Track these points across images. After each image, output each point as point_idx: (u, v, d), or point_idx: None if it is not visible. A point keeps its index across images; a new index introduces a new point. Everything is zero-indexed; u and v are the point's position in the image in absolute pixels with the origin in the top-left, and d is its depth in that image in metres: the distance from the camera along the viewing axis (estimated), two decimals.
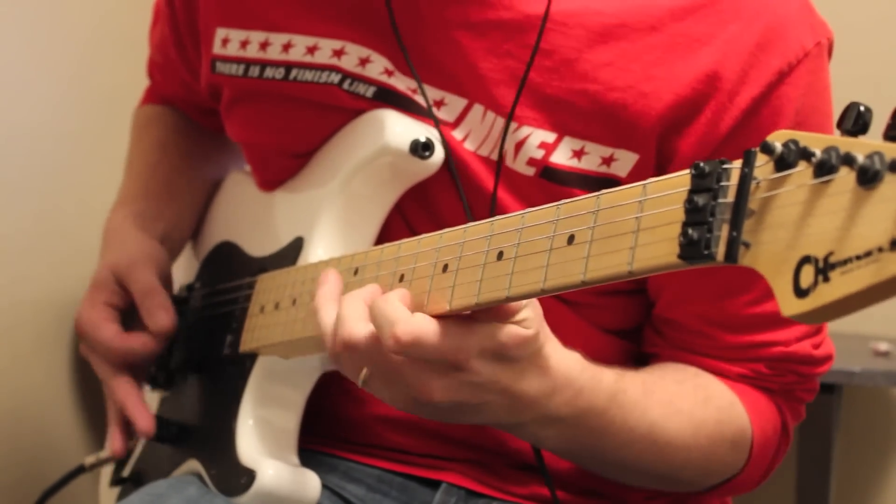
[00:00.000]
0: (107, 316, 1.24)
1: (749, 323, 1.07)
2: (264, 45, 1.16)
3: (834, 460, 2.08)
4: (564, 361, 0.93)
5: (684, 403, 1.05)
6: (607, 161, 1.04)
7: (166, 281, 1.28)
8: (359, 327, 0.91)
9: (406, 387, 0.91)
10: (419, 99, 1.10)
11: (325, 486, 1.17)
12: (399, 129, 1.09)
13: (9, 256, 1.62)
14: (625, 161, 1.04)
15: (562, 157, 1.05)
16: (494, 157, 1.07)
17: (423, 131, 1.08)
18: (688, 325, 1.10)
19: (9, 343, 1.63)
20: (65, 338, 1.72)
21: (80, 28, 1.84)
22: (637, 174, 1.04)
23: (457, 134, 1.09)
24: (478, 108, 1.08)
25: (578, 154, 1.05)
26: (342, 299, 0.94)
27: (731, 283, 1.06)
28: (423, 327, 0.86)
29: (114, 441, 1.27)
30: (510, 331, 0.87)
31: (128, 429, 1.27)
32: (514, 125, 1.06)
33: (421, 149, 1.08)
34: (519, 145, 1.06)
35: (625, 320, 1.15)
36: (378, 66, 1.11)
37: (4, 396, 1.69)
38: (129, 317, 1.26)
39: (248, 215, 1.31)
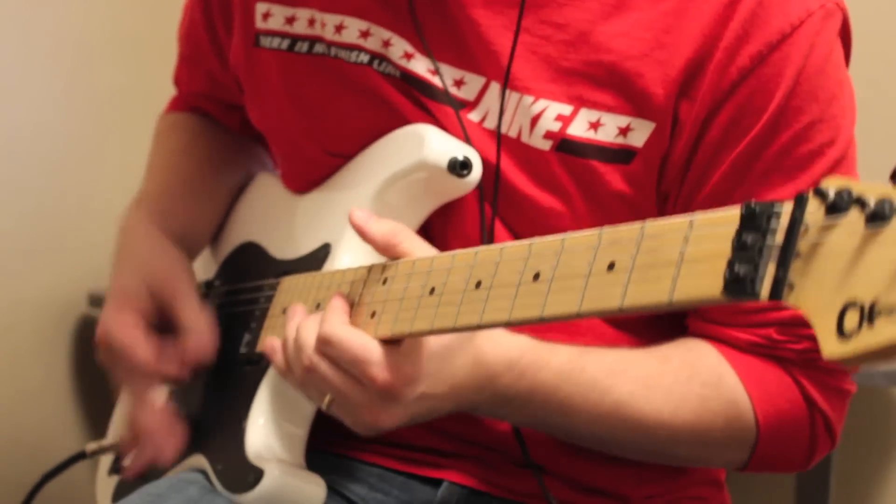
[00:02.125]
0: (140, 336, 1.20)
1: None
2: (311, 22, 1.18)
3: (834, 460, 2.07)
4: (501, 348, 1.02)
5: (663, 380, 1.07)
6: (623, 132, 1.07)
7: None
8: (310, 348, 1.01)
9: (358, 416, 1.01)
10: (437, 81, 1.12)
11: (326, 486, 1.17)
12: (438, 145, 1.10)
13: (9, 256, 1.63)
14: (641, 131, 1.06)
15: (578, 129, 1.07)
16: (513, 134, 1.10)
17: (461, 150, 1.10)
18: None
19: (9, 343, 1.64)
20: (65, 338, 1.73)
21: (80, 28, 1.86)
22: (653, 143, 1.06)
23: (475, 115, 1.11)
24: (494, 86, 1.10)
25: (595, 126, 1.07)
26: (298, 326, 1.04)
27: None
28: (341, 332, 0.98)
29: (133, 464, 1.23)
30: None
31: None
32: (530, 99, 1.08)
33: (459, 167, 1.09)
34: (535, 119, 1.08)
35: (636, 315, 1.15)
36: (398, 50, 1.13)
37: (4, 396, 1.69)
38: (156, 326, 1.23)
39: (274, 217, 1.31)
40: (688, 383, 1.08)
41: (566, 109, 1.08)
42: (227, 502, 1.11)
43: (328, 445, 1.21)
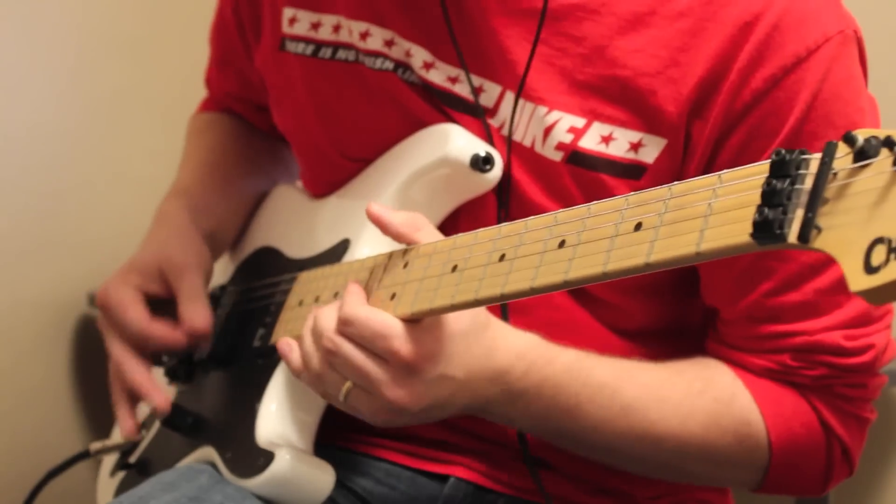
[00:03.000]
0: (137, 298, 1.24)
1: (770, 313, 1.08)
2: (337, 28, 1.21)
3: None
4: (510, 342, 1.03)
5: (674, 392, 1.07)
6: (635, 147, 1.07)
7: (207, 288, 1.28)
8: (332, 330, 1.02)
9: (379, 398, 1.00)
10: (457, 89, 1.13)
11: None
12: (461, 142, 1.12)
13: (9, 256, 1.64)
14: (652, 147, 1.07)
15: (590, 142, 1.08)
16: (527, 143, 1.11)
17: (484, 147, 1.11)
18: (718, 314, 1.12)
19: (9, 343, 1.63)
20: (65, 338, 1.72)
21: (80, 28, 1.87)
22: (664, 160, 1.07)
23: (493, 122, 1.13)
24: (510, 95, 1.11)
25: (607, 140, 1.08)
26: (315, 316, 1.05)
27: (752, 272, 1.07)
28: (361, 311, 1.00)
29: (124, 423, 1.26)
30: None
31: (134, 411, 1.26)
32: (543, 109, 1.09)
33: (481, 163, 1.11)
34: (548, 130, 1.09)
35: (651, 319, 1.16)
36: (418, 60, 1.15)
37: (4, 396, 1.69)
38: (157, 308, 1.25)
39: (291, 222, 1.32)
40: (699, 397, 1.08)
41: (579, 122, 1.09)
42: (238, 490, 1.11)
43: (336, 440, 1.21)
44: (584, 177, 1.09)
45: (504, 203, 1.12)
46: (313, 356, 1.04)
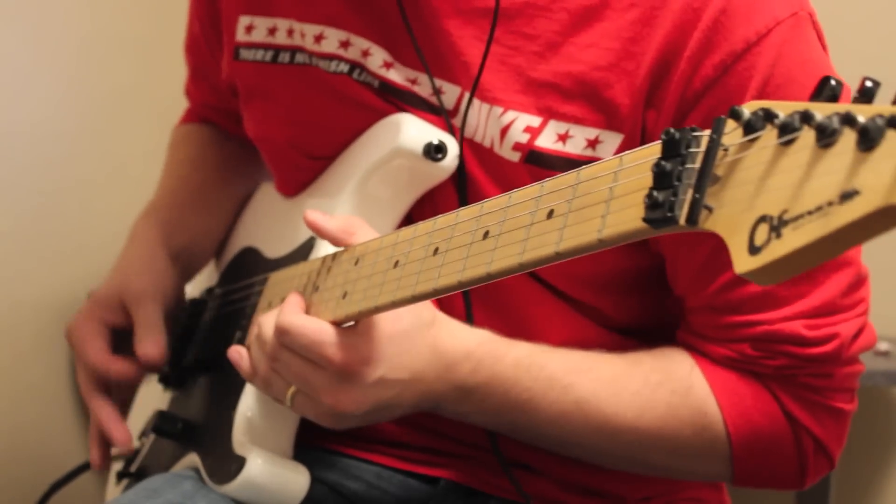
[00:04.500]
0: (98, 332, 1.27)
1: (731, 304, 1.05)
2: (290, 33, 1.19)
3: None
4: (457, 339, 1.03)
5: (630, 384, 1.06)
6: (592, 144, 1.05)
7: (169, 315, 1.30)
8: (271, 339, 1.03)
9: (320, 403, 1.01)
10: (418, 90, 1.12)
11: (323, 483, 1.17)
12: (413, 132, 1.10)
13: (9, 256, 1.65)
14: (610, 143, 1.04)
15: (547, 140, 1.06)
16: (486, 144, 1.09)
17: (437, 134, 1.10)
18: (684, 303, 1.10)
19: (9, 343, 1.65)
20: (65, 338, 1.74)
21: (80, 28, 1.88)
22: None
23: (456, 122, 1.10)
24: (467, 96, 1.09)
25: (563, 138, 1.05)
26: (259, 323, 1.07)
27: (713, 263, 1.04)
28: (296, 320, 1.00)
29: (91, 455, 1.30)
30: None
31: (105, 444, 1.29)
32: (499, 110, 1.07)
33: (434, 151, 1.09)
34: (504, 130, 1.07)
35: (631, 317, 1.14)
36: (377, 59, 1.13)
37: (5, 396, 1.71)
38: (123, 340, 1.28)
39: (269, 222, 1.33)
40: (656, 389, 1.07)
41: (535, 121, 1.06)
42: (221, 497, 1.11)
43: (327, 442, 1.20)
44: (542, 176, 1.05)
45: (464, 203, 1.10)
46: (260, 363, 1.05)
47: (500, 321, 1.09)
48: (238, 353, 1.10)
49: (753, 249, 0.64)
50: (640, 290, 1.12)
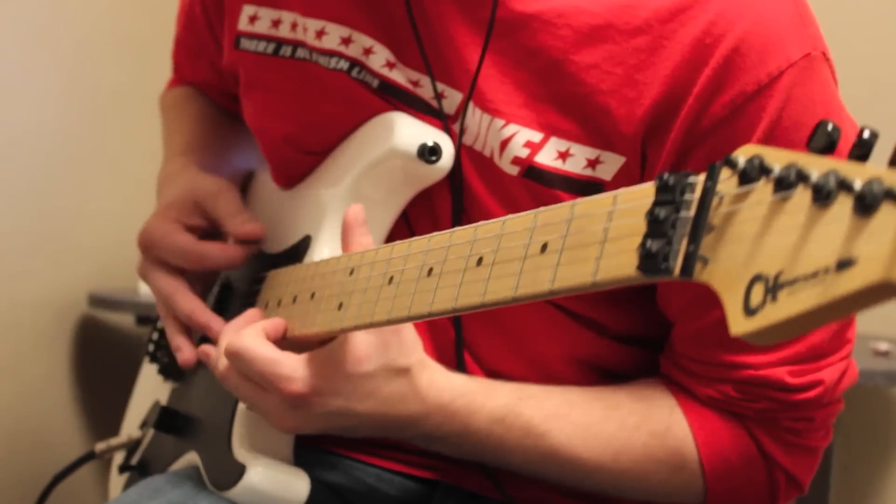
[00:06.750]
0: (181, 228, 1.21)
1: (718, 341, 1.04)
2: (294, 26, 1.18)
3: (834, 458, 2.06)
4: (436, 392, 1.02)
5: (606, 426, 1.06)
6: (592, 164, 1.03)
7: None
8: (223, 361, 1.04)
9: (269, 419, 1.03)
10: (420, 92, 1.10)
11: (323, 484, 1.17)
12: (408, 132, 1.09)
13: (9, 256, 1.65)
14: (610, 164, 1.02)
15: (547, 157, 1.04)
16: (486, 153, 1.07)
17: (432, 135, 1.08)
18: (671, 336, 1.09)
19: (9, 343, 1.65)
20: (65, 338, 1.74)
21: (79, 28, 1.86)
22: (622, 177, 1.02)
23: (456, 127, 1.09)
24: (471, 104, 1.07)
25: (564, 155, 1.03)
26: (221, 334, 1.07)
27: (705, 298, 1.03)
28: (248, 343, 1.00)
29: (184, 352, 1.20)
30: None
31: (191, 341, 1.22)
32: (500, 122, 1.05)
33: (428, 153, 1.07)
34: (504, 143, 1.05)
35: (630, 326, 1.13)
36: (380, 58, 1.11)
37: (5, 396, 1.71)
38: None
39: (267, 213, 1.31)
40: (633, 432, 1.06)
41: (536, 136, 1.04)
42: (221, 498, 1.11)
43: (327, 444, 1.20)
44: (539, 192, 1.04)
45: (458, 210, 1.09)
46: (215, 373, 1.07)
47: (497, 333, 1.08)
48: (205, 354, 1.11)
49: (749, 311, 0.62)
50: (639, 301, 1.11)
